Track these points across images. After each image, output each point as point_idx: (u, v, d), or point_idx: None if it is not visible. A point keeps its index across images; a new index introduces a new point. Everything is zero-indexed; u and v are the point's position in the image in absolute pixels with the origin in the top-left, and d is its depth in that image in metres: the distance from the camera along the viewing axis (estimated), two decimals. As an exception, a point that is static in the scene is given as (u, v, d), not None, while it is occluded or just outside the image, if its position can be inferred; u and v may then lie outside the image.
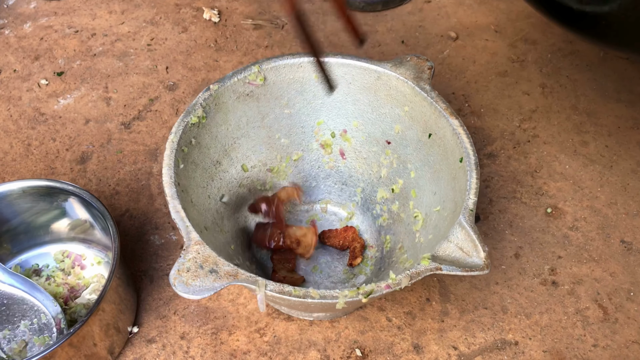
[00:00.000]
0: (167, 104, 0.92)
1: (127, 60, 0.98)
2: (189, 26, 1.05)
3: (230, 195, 0.70)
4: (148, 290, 0.71)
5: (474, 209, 0.56)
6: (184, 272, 0.50)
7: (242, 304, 0.70)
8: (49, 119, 0.89)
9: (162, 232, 0.77)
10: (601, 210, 0.80)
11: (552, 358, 0.67)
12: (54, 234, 0.72)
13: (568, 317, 0.70)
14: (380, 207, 0.73)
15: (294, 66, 0.69)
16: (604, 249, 0.77)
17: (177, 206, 0.56)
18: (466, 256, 0.54)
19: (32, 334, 0.63)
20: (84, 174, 0.83)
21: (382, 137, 0.72)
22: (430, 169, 0.66)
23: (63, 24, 1.04)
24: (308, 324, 0.69)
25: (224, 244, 0.65)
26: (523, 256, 0.76)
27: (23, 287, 0.65)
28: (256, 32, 1.04)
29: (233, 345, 0.67)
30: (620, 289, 0.73)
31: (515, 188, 0.83)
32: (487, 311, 0.70)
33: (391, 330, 0.69)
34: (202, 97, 0.64)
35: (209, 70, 0.97)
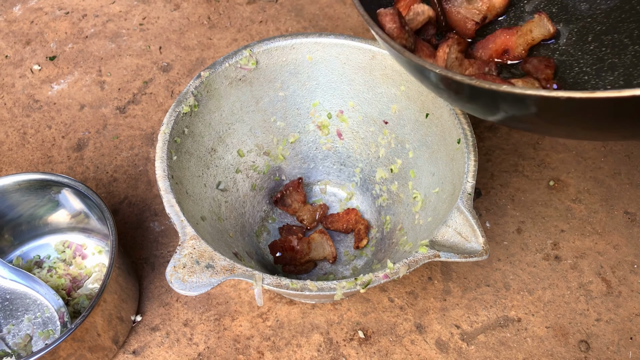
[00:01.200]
0: (162, 86, 0.90)
1: (119, 41, 0.97)
2: (181, 3, 1.02)
3: (226, 181, 0.69)
4: (150, 278, 0.72)
5: (472, 193, 0.55)
6: (180, 269, 0.50)
7: (244, 289, 0.70)
8: (44, 105, 0.88)
9: (162, 219, 0.76)
10: (604, 181, 0.79)
11: (555, 334, 0.67)
12: (53, 224, 0.72)
13: (571, 292, 0.70)
14: (380, 187, 0.73)
15: (286, 48, 0.67)
16: (607, 221, 0.76)
17: (172, 200, 0.55)
18: (465, 241, 0.53)
19: (36, 327, 0.64)
20: (81, 161, 0.82)
21: (379, 117, 0.70)
22: (429, 149, 0.65)
23: (53, 5, 1.02)
24: (310, 307, 0.69)
25: (222, 231, 0.64)
26: (525, 231, 0.75)
27: (25, 281, 0.65)
28: (250, 6, 1.02)
29: (236, 330, 0.67)
30: (623, 262, 0.72)
31: (517, 161, 0.81)
32: (490, 288, 0.70)
33: (393, 311, 0.69)
34: (193, 85, 0.63)
35: (202, 49, 0.95)
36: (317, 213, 0.73)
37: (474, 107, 0.49)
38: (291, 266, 0.68)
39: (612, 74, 0.52)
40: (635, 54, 0.52)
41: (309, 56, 0.68)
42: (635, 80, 0.51)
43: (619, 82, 0.52)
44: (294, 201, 0.74)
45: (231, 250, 0.62)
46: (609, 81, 0.52)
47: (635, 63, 0.52)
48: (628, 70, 0.52)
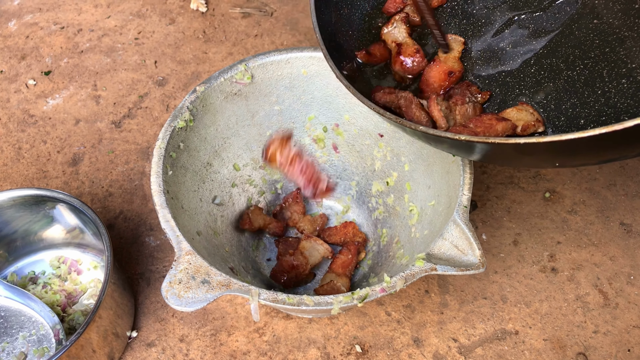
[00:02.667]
0: (157, 100, 0.90)
1: (114, 55, 0.97)
2: (176, 17, 1.03)
3: (222, 196, 0.69)
4: (145, 293, 0.71)
5: (468, 206, 0.55)
6: (176, 284, 0.50)
7: (241, 303, 0.70)
8: (39, 120, 0.88)
9: (157, 233, 0.76)
10: (600, 193, 0.80)
11: (552, 346, 0.67)
12: (48, 240, 0.72)
13: (568, 304, 0.70)
14: (376, 200, 0.73)
15: (282, 62, 0.67)
16: (603, 233, 0.76)
17: (167, 215, 0.55)
18: (461, 254, 0.53)
19: (31, 345, 0.63)
20: (76, 176, 0.82)
21: (374, 130, 0.70)
22: (424, 162, 0.65)
23: (48, 20, 1.03)
24: (307, 322, 0.68)
25: (218, 246, 0.64)
26: (522, 243, 0.75)
27: (20, 298, 0.65)
28: (245, 20, 1.02)
29: (232, 346, 0.67)
30: (620, 273, 0.72)
31: (513, 173, 0.82)
32: (487, 301, 0.70)
33: (391, 325, 0.68)
34: (189, 100, 0.63)
35: (198, 62, 0.95)
36: (317, 223, 0.73)
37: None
38: (293, 280, 0.68)
39: (546, 97, 0.54)
40: (568, 79, 0.53)
41: (304, 70, 0.68)
42: (564, 104, 0.52)
43: (550, 106, 0.53)
44: (294, 212, 0.73)
45: (227, 265, 0.62)
46: (543, 104, 0.54)
47: (567, 88, 0.53)
48: (559, 95, 0.53)
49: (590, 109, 0.51)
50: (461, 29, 0.61)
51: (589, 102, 0.51)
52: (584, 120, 0.51)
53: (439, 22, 0.60)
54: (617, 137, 0.38)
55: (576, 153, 0.43)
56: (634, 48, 0.51)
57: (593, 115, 0.51)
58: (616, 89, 0.50)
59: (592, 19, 0.55)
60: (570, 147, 0.40)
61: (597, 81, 0.52)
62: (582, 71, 0.53)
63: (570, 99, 0.52)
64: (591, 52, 0.53)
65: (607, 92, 0.51)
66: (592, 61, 0.53)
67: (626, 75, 0.50)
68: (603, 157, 0.45)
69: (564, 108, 0.52)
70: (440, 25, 0.60)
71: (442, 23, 0.62)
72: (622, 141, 0.39)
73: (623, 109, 0.49)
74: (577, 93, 0.52)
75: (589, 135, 0.38)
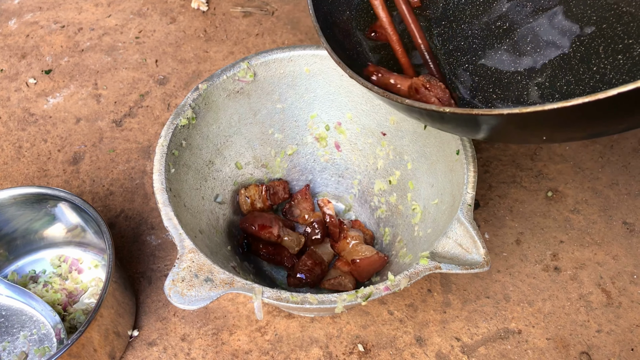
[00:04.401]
0: (158, 99, 0.90)
1: (115, 54, 0.96)
2: (177, 16, 1.02)
3: (224, 194, 0.69)
4: (147, 292, 0.71)
5: (472, 204, 0.55)
6: (179, 282, 0.49)
7: (242, 302, 0.69)
8: (39, 119, 0.88)
9: (159, 232, 0.76)
10: (602, 192, 0.79)
11: (556, 345, 0.67)
12: (49, 238, 0.71)
13: (571, 303, 0.70)
14: (378, 199, 0.72)
15: (284, 60, 0.67)
16: (606, 232, 0.76)
17: (170, 213, 0.55)
18: (465, 253, 0.53)
19: (32, 344, 0.63)
20: (77, 175, 0.81)
21: (377, 129, 0.70)
22: (427, 161, 0.65)
23: (49, 19, 1.02)
24: (309, 321, 0.68)
25: (220, 245, 0.64)
26: (524, 242, 0.75)
27: (21, 298, 0.65)
28: (246, 19, 1.02)
29: (234, 345, 0.67)
30: (623, 272, 0.72)
31: (515, 172, 0.81)
32: (490, 300, 0.70)
33: (393, 324, 0.68)
34: (191, 98, 0.63)
35: (199, 61, 0.95)
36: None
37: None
38: (316, 279, 0.68)
39: (541, 75, 0.54)
40: (563, 56, 0.53)
41: (307, 68, 0.68)
42: (559, 81, 0.52)
43: (545, 84, 0.53)
44: (303, 210, 0.73)
45: (229, 264, 0.62)
46: (537, 82, 0.54)
47: (562, 65, 0.53)
48: (554, 72, 0.53)
49: (585, 86, 0.51)
50: (458, 8, 0.61)
51: (584, 78, 0.51)
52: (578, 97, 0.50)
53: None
54: (604, 107, 0.37)
55: (562, 124, 0.41)
56: (631, 24, 0.51)
57: (588, 92, 0.50)
58: (612, 65, 0.50)
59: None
60: (556, 117, 0.39)
61: (592, 58, 0.51)
62: (578, 48, 0.53)
63: (565, 76, 0.52)
64: (588, 29, 0.53)
65: (602, 68, 0.50)
66: (589, 38, 0.52)
67: (622, 51, 0.50)
68: (590, 130, 0.43)
69: (559, 85, 0.52)
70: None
71: (440, 4, 0.62)
72: (609, 112, 0.38)
73: (618, 85, 0.49)
74: (572, 70, 0.52)
75: (574, 104, 0.36)
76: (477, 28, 0.59)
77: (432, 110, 0.45)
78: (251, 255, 0.71)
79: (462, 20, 0.61)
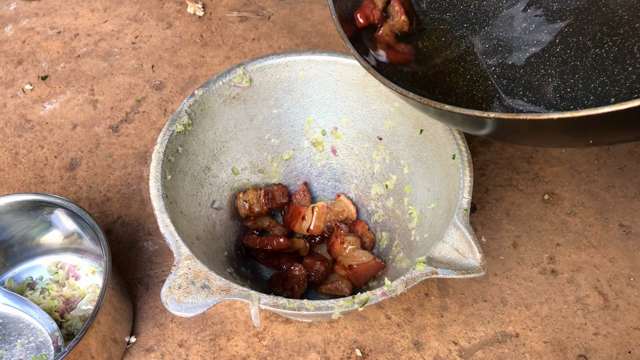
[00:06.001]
0: (155, 104, 0.90)
1: (111, 60, 0.96)
2: (173, 21, 1.02)
3: (221, 200, 0.69)
4: (144, 299, 0.71)
5: (468, 209, 0.55)
6: (176, 289, 0.49)
7: (240, 308, 0.69)
8: (36, 125, 0.88)
9: (156, 238, 0.76)
10: (599, 194, 0.79)
11: (553, 349, 0.67)
12: (46, 245, 0.71)
13: (568, 306, 0.70)
14: (375, 203, 0.72)
15: (280, 66, 0.67)
16: (602, 234, 0.76)
17: (166, 220, 0.55)
18: (462, 257, 0.53)
19: (30, 352, 0.63)
20: (73, 181, 0.81)
21: (373, 134, 0.70)
22: (424, 165, 0.65)
23: (45, 25, 1.02)
24: (307, 326, 0.68)
25: (217, 251, 0.64)
26: (521, 245, 0.75)
27: (18, 305, 0.65)
28: (242, 24, 1.02)
29: (232, 350, 0.66)
30: (620, 275, 0.72)
31: (511, 175, 0.81)
32: (487, 304, 0.70)
33: (391, 328, 0.68)
34: (187, 104, 0.63)
35: (195, 67, 0.95)
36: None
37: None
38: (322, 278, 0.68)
39: (574, 76, 0.53)
40: (596, 57, 0.52)
41: (303, 74, 0.68)
42: (593, 83, 0.51)
43: (578, 85, 0.52)
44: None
45: (226, 270, 0.62)
46: (570, 84, 0.53)
47: (595, 66, 0.52)
48: (587, 74, 0.52)
49: (621, 87, 0.49)
50: (481, 10, 0.60)
51: (619, 79, 0.50)
52: (614, 98, 0.49)
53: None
54: None
55: (612, 127, 0.40)
56: None
57: (624, 93, 0.49)
58: None
59: None
60: (605, 121, 0.38)
61: (627, 57, 0.50)
62: (611, 48, 0.51)
63: (599, 77, 0.51)
64: (620, 28, 0.51)
65: (638, 68, 0.49)
66: (622, 37, 0.51)
67: None
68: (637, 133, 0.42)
69: (593, 87, 0.51)
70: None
71: (461, 6, 0.61)
72: None
73: None
74: (607, 71, 0.51)
75: (625, 107, 0.35)
76: (503, 30, 0.58)
77: (475, 116, 0.43)
78: (249, 260, 0.71)
79: (485, 23, 0.60)
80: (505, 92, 0.56)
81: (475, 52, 0.59)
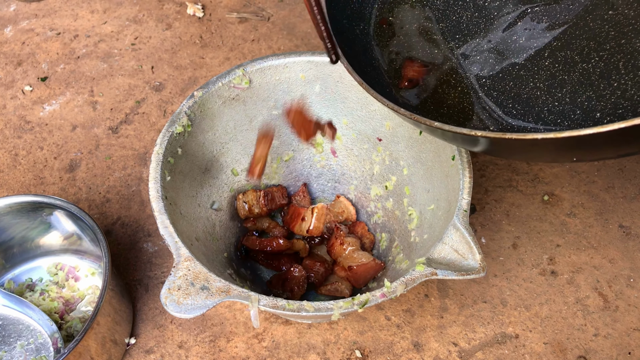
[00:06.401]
0: (154, 106, 0.90)
1: (111, 61, 0.96)
2: (172, 22, 1.02)
3: (220, 201, 0.69)
4: (144, 300, 0.71)
5: (467, 210, 0.55)
6: (175, 291, 0.49)
7: (240, 309, 0.69)
8: (35, 126, 0.88)
9: (155, 239, 0.76)
10: (599, 195, 0.79)
11: (553, 350, 0.67)
12: (46, 247, 0.71)
13: (568, 307, 0.70)
14: (375, 204, 0.72)
15: (279, 67, 0.67)
16: (602, 235, 0.76)
17: (166, 221, 0.54)
18: (462, 259, 0.53)
19: (29, 354, 0.63)
20: (73, 182, 0.81)
21: (373, 135, 0.70)
22: (423, 166, 0.65)
23: (44, 26, 1.02)
24: (306, 327, 0.68)
25: (216, 252, 0.64)
26: (521, 246, 0.75)
27: (18, 307, 0.64)
28: (242, 25, 1.02)
29: (232, 352, 0.66)
30: (619, 276, 0.72)
31: (511, 176, 0.81)
32: (487, 305, 0.70)
33: (390, 329, 0.68)
34: (187, 105, 0.63)
35: (195, 68, 0.95)
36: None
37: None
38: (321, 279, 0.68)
39: (561, 90, 0.53)
40: (583, 72, 0.53)
41: (302, 75, 0.68)
42: (580, 97, 0.52)
43: (565, 99, 0.53)
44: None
45: (226, 271, 0.62)
46: (557, 98, 0.53)
47: (582, 81, 0.53)
48: (574, 88, 0.53)
49: (606, 102, 0.50)
50: (472, 22, 0.61)
51: (605, 94, 0.51)
52: (600, 113, 0.50)
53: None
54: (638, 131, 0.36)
55: (595, 147, 0.41)
56: None
57: (609, 108, 0.50)
58: (633, 81, 0.50)
59: (607, 10, 0.54)
60: (589, 141, 0.39)
61: (613, 73, 0.51)
62: (598, 63, 0.52)
63: (586, 92, 0.52)
64: (606, 44, 0.52)
65: (623, 84, 0.50)
66: (608, 53, 0.52)
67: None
68: (622, 151, 0.43)
69: (580, 101, 0.51)
70: (331, 36, 0.57)
71: (453, 17, 0.62)
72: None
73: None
74: (593, 86, 0.52)
75: (607, 130, 0.36)
76: (493, 42, 0.59)
77: (463, 134, 0.44)
78: (248, 262, 0.71)
79: (476, 34, 0.61)
80: (495, 104, 0.57)
81: (466, 64, 0.60)
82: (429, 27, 0.63)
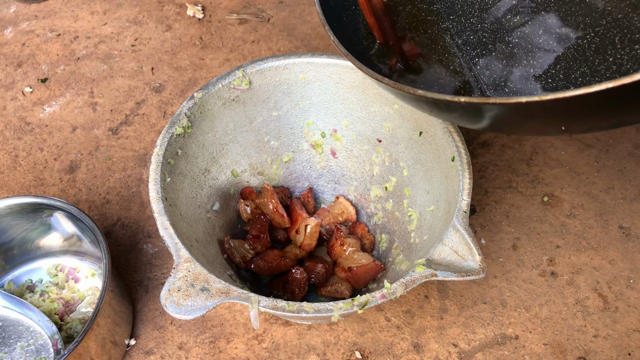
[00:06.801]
0: (154, 107, 0.90)
1: (111, 62, 0.97)
2: (172, 24, 1.02)
3: (220, 202, 0.69)
4: (144, 301, 0.71)
5: (467, 211, 0.55)
6: (175, 292, 0.49)
7: (239, 310, 0.69)
8: (35, 128, 0.88)
9: (155, 240, 0.76)
10: (598, 196, 0.80)
11: (553, 351, 0.67)
12: (45, 248, 0.71)
13: (568, 308, 0.70)
14: (374, 205, 0.73)
15: (279, 68, 0.67)
16: (602, 236, 0.76)
17: (165, 222, 0.55)
18: (461, 260, 0.53)
19: (29, 355, 0.63)
20: (73, 183, 0.81)
21: (372, 136, 0.70)
22: (423, 167, 0.65)
23: (45, 27, 1.02)
24: (306, 328, 0.68)
25: (216, 253, 0.64)
26: (521, 247, 0.75)
27: (18, 308, 0.65)
28: (242, 26, 1.02)
29: (232, 353, 0.66)
30: (619, 277, 0.72)
31: (511, 177, 0.81)
32: (486, 306, 0.70)
33: (390, 330, 0.68)
34: (187, 106, 0.63)
35: (195, 69, 0.95)
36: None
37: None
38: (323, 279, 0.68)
39: (555, 67, 0.53)
40: (578, 48, 0.53)
41: (302, 76, 0.68)
42: (574, 73, 0.52)
43: (559, 76, 0.52)
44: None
45: (226, 272, 0.62)
46: (551, 74, 0.53)
47: (576, 57, 0.53)
48: (569, 64, 0.53)
49: (601, 77, 0.50)
50: (468, 2, 0.60)
51: (599, 70, 0.50)
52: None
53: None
54: (629, 93, 0.35)
55: (585, 113, 0.39)
56: None
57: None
58: (629, 56, 0.49)
59: None
60: (578, 105, 0.37)
61: (608, 48, 0.51)
62: (593, 39, 0.52)
63: (580, 68, 0.51)
64: (602, 19, 0.52)
65: (619, 59, 0.49)
66: (604, 28, 0.51)
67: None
68: (613, 118, 0.41)
69: (574, 77, 0.51)
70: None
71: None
72: (634, 98, 0.36)
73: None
74: (588, 61, 0.51)
75: (595, 90, 0.34)
76: (487, 22, 0.59)
77: (445, 100, 0.43)
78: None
79: (470, 14, 0.60)
80: (487, 83, 0.56)
81: (459, 43, 0.59)
82: (423, 8, 0.63)
